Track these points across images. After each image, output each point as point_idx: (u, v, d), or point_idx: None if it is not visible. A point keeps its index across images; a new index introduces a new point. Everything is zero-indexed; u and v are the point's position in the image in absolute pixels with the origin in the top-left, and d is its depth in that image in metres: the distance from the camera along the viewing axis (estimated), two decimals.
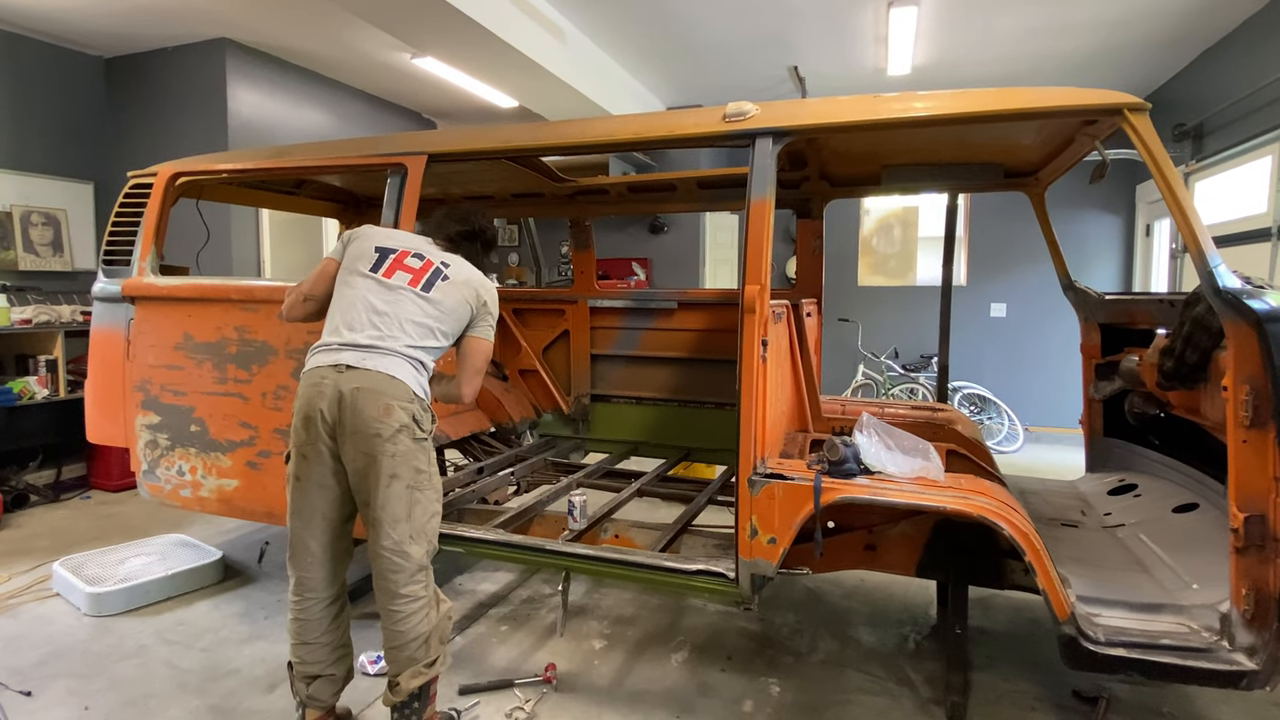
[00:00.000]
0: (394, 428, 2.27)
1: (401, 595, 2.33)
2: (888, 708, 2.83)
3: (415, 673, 2.33)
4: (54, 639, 3.30)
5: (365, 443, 2.26)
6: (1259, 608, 2.10)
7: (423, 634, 2.34)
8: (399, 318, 2.40)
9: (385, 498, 2.28)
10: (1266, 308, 2.05)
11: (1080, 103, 2.36)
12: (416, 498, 2.34)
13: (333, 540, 2.44)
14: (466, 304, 2.50)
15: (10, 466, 5.27)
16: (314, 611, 2.43)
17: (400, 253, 2.51)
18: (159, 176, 3.54)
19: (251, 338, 3.16)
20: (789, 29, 5.63)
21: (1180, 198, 2.19)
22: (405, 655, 2.33)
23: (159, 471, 3.38)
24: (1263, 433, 2.06)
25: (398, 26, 4.70)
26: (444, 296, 2.46)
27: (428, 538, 2.40)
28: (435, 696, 2.46)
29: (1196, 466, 3.09)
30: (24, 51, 5.78)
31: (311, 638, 2.43)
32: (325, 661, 2.45)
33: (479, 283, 2.56)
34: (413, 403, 2.34)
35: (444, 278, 2.49)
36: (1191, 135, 5.90)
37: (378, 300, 2.42)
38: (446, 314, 2.47)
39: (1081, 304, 3.63)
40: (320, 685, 2.45)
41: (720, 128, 2.64)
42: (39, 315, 5.26)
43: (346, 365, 2.31)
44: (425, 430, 2.39)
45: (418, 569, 2.35)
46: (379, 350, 2.34)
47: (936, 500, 2.35)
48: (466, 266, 2.58)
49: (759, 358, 2.47)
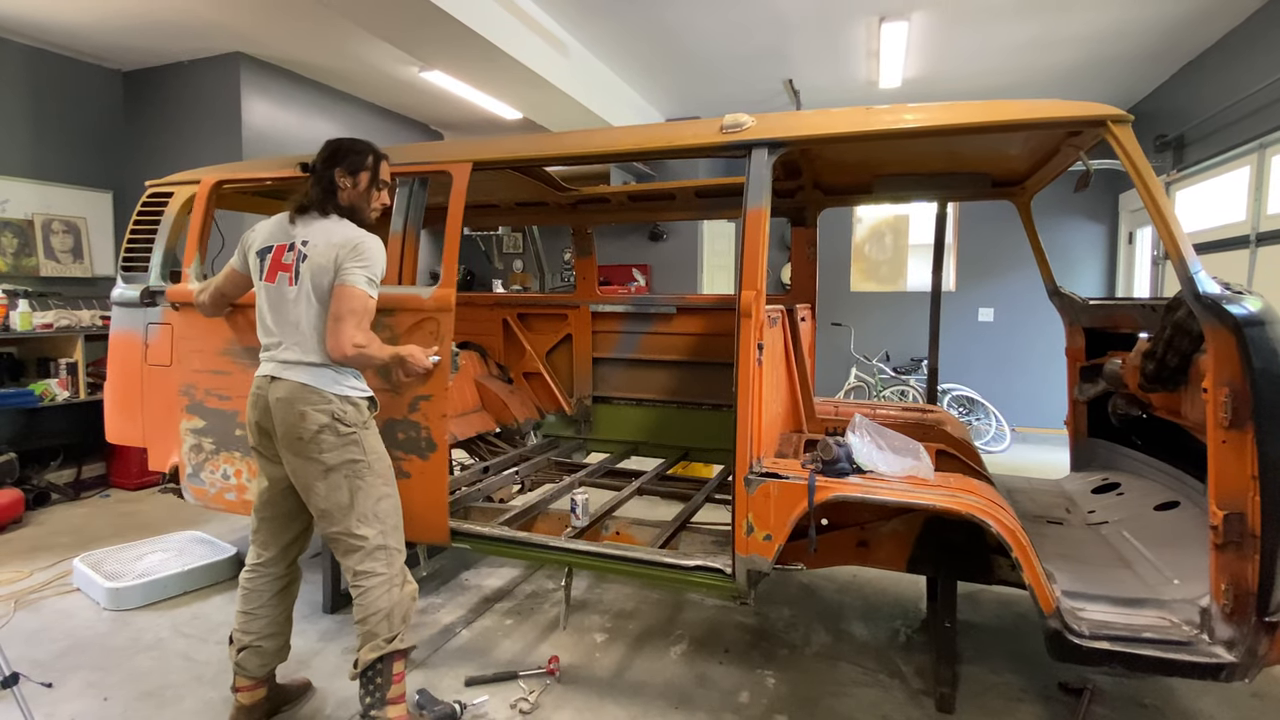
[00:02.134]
0: (312, 430, 2.34)
1: (359, 572, 2.40)
2: (879, 699, 2.83)
3: (373, 647, 2.36)
4: (74, 632, 3.30)
5: (291, 446, 2.37)
6: (1237, 602, 2.10)
7: (383, 609, 2.37)
8: (296, 323, 2.40)
9: (325, 490, 2.37)
10: (1245, 312, 2.05)
11: (1065, 115, 2.36)
12: (357, 485, 2.39)
13: (285, 525, 2.57)
14: (328, 270, 2.37)
15: (32, 466, 5.27)
16: (260, 584, 2.56)
17: (275, 250, 2.46)
18: (202, 184, 3.45)
19: None
20: (784, 44, 5.64)
21: (1162, 206, 2.19)
22: (366, 629, 2.38)
23: (204, 475, 3.28)
24: (1241, 433, 2.06)
25: (406, 41, 4.71)
26: (314, 277, 2.38)
27: (379, 519, 2.43)
28: (401, 678, 2.44)
29: (1177, 466, 3.09)
30: (45, 65, 5.79)
31: (251, 607, 2.55)
32: (259, 633, 2.54)
33: (340, 241, 2.39)
34: (330, 403, 2.37)
35: (304, 258, 2.40)
36: (1173, 146, 5.90)
37: (273, 309, 2.44)
38: (318, 291, 2.39)
39: (1066, 309, 3.63)
40: (248, 655, 2.53)
41: (717, 139, 2.64)
42: (60, 320, 5.27)
43: (272, 376, 2.41)
44: (351, 424, 2.39)
45: (375, 548, 2.40)
46: (290, 362, 2.40)
47: (926, 498, 2.35)
48: (324, 235, 2.41)
49: (755, 361, 2.47)
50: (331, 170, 2.48)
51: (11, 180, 5.57)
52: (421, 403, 2.82)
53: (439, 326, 2.80)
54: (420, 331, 2.82)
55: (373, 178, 2.53)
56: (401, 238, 2.98)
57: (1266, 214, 4.52)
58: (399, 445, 2.85)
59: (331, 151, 2.50)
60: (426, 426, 2.81)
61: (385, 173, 2.60)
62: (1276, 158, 4.48)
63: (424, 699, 2.66)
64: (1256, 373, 2.01)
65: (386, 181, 2.61)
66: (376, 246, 2.43)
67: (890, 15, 5.06)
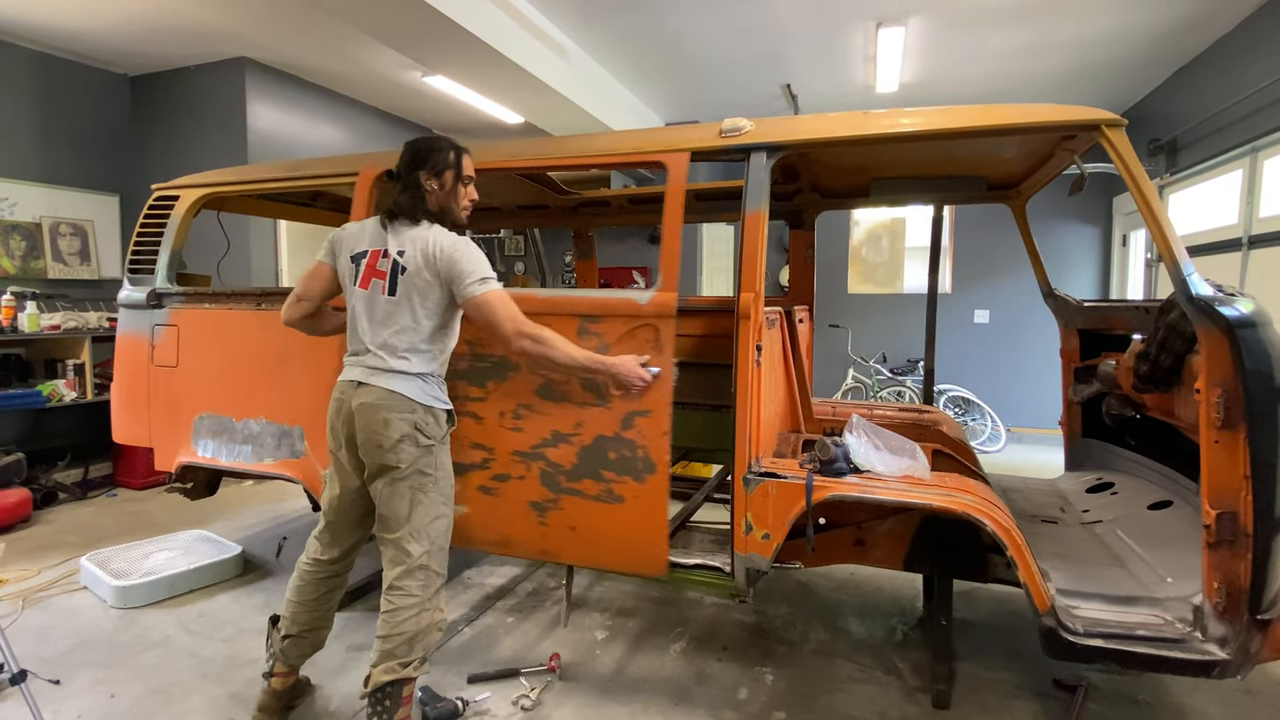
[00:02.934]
0: (394, 439, 2.31)
1: (395, 587, 2.36)
2: (876, 695, 2.83)
3: (388, 669, 2.30)
4: (81, 630, 3.30)
5: (371, 453, 2.35)
6: (1230, 600, 2.10)
7: (408, 632, 2.32)
8: (388, 330, 2.36)
9: (389, 496, 2.36)
10: (1237, 314, 2.06)
11: (1059, 119, 2.36)
12: (419, 499, 2.37)
13: (350, 531, 2.56)
14: (433, 283, 2.35)
15: (40, 465, 5.27)
16: (319, 578, 2.56)
17: (370, 255, 2.41)
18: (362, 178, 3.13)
19: (486, 352, 2.78)
20: (782, 49, 5.64)
21: (1155, 209, 2.19)
22: (386, 649, 2.32)
23: None
24: (1233, 433, 2.07)
25: (409, 46, 4.71)
26: (411, 290, 2.35)
27: (430, 538, 2.39)
28: (410, 700, 2.37)
29: (1170, 465, 3.10)
30: (53, 70, 5.79)
31: (306, 598, 2.55)
32: (307, 624, 2.55)
33: (435, 252, 2.33)
34: (414, 412, 2.34)
35: (402, 270, 2.35)
36: (1166, 150, 5.91)
37: (366, 315, 2.40)
38: (422, 304, 2.36)
39: (1061, 311, 3.63)
40: (291, 644, 2.54)
41: (717, 143, 2.64)
42: (67, 321, 5.27)
43: (358, 382, 2.37)
44: (430, 436, 2.38)
45: (417, 567, 2.36)
46: (380, 369, 2.36)
47: (923, 498, 2.36)
48: (418, 243, 2.35)
49: (754, 362, 2.47)
50: (416, 174, 2.41)
51: (20, 184, 5.58)
52: (637, 419, 2.55)
53: (658, 334, 2.55)
54: (634, 340, 2.58)
55: (457, 175, 2.46)
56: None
57: (1258, 217, 4.52)
58: (609, 466, 2.59)
59: (413, 154, 2.44)
60: (643, 446, 2.53)
61: (469, 167, 2.51)
62: (1268, 161, 4.48)
63: (426, 696, 2.66)
64: (1248, 374, 2.02)
65: (471, 176, 2.52)
66: (470, 251, 2.36)
67: (887, 21, 5.06)
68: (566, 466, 2.65)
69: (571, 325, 2.65)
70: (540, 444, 2.70)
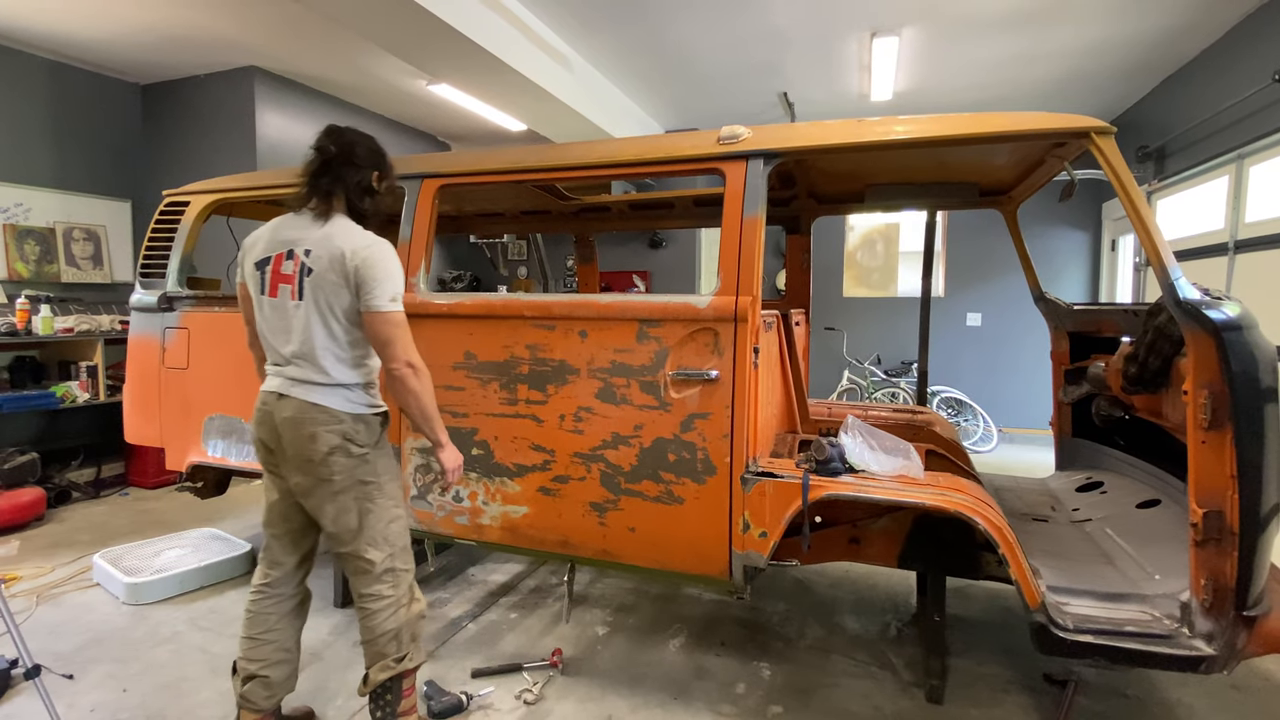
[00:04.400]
0: (323, 452, 2.16)
1: (366, 595, 2.27)
2: (871, 690, 2.83)
3: (383, 667, 2.27)
4: (94, 626, 3.30)
5: (301, 468, 2.20)
6: (1217, 597, 2.10)
7: (390, 630, 2.26)
8: (304, 341, 2.18)
9: (334, 513, 2.22)
10: (1224, 317, 2.06)
11: (1050, 126, 2.36)
12: (367, 508, 2.24)
13: (296, 542, 2.39)
14: (340, 286, 2.16)
15: (54, 465, 5.27)
16: (266, 606, 2.36)
17: (275, 260, 2.22)
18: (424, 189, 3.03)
19: (546, 356, 2.75)
20: (779, 58, 5.64)
21: (1143, 215, 2.19)
22: (375, 650, 2.28)
23: (431, 497, 2.99)
24: (1220, 434, 2.07)
25: (415, 55, 4.71)
26: (319, 293, 2.16)
27: (389, 542, 2.28)
28: (411, 691, 2.35)
29: (1159, 465, 3.10)
30: (67, 79, 5.80)
31: (257, 632, 2.34)
32: (265, 661, 2.32)
33: (346, 254, 2.14)
34: (342, 423, 2.19)
35: (308, 271, 2.16)
36: (1154, 156, 5.91)
37: (277, 326, 2.23)
38: (331, 309, 2.18)
39: (1051, 314, 3.63)
40: (255, 686, 2.31)
41: (715, 150, 2.64)
42: (80, 324, 5.27)
43: (279, 394, 2.21)
44: (363, 444, 2.23)
45: (383, 571, 2.26)
46: (299, 380, 2.20)
47: (916, 497, 2.35)
48: (328, 243, 2.17)
49: (751, 364, 2.48)
50: (369, 171, 2.28)
51: (34, 189, 5.58)
52: (697, 421, 2.52)
53: (717, 338, 2.50)
54: (694, 344, 2.53)
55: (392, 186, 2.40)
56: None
57: (1244, 222, 4.52)
58: (669, 468, 2.57)
59: (379, 153, 2.32)
60: (703, 448, 2.52)
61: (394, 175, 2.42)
62: (1254, 168, 4.48)
63: (431, 690, 2.66)
64: (1235, 375, 2.02)
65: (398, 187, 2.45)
66: (389, 263, 2.19)
67: (882, 31, 5.07)
68: (626, 468, 2.64)
69: (631, 329, 2.62)
70: (600, 446, 2.68)
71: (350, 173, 2.25)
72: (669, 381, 2.56)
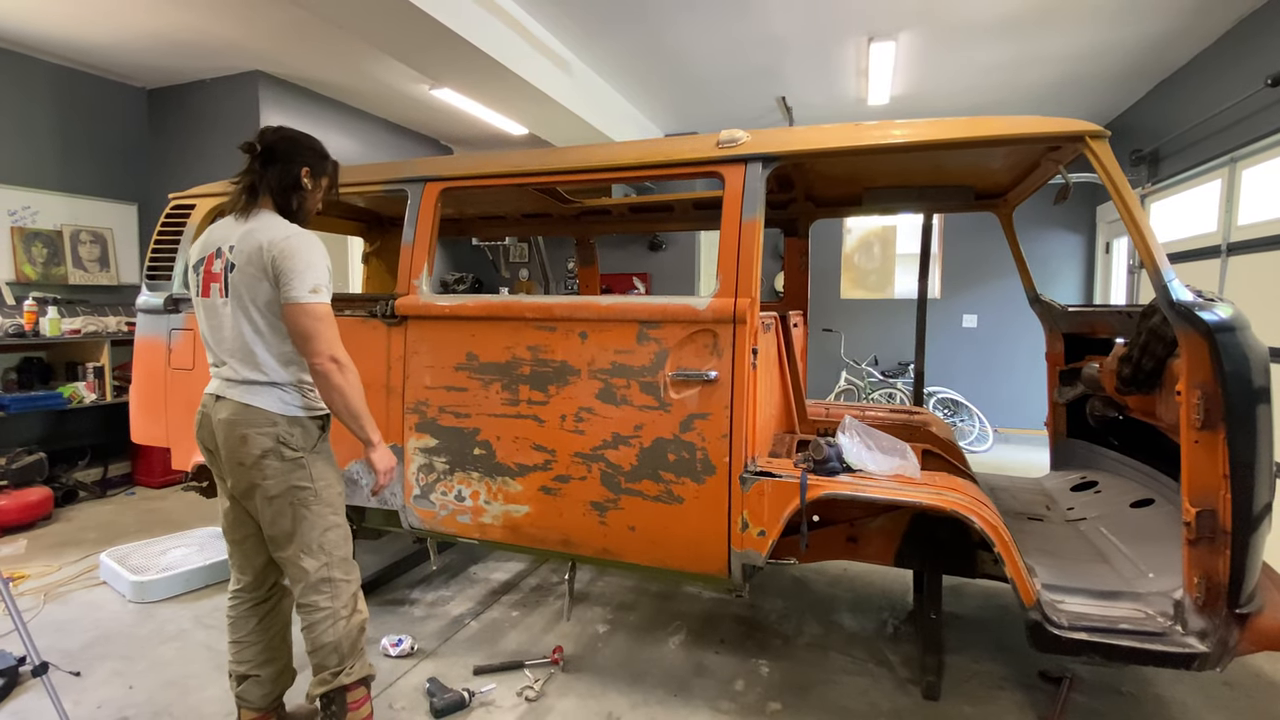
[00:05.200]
0: (255, 455, 2.11)
1: (302, 604, 2.20)
2: (868, 686, 2.83)
3: (321, 680, 2.21)
4: (101, 624, 3.30)
5: (235, 471, 2.17)
6: (1209, 595, 2.10)
7: (327, 644, 2.18)
8: (234, 339, 2.15)
9: (270, 517, 2.17)
10: (1216, 319, 2.06)
11: (1045, 130, 2.37)
12: (302, 514, 2.16)
13: (256, 547, 2.33)
14: (260, 279, 2.10)
15: (61, 465, 5.28)
16: (242, 610, 2.36)
17: (206, 260, 2.20)
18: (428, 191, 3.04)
19: (548, 357, 2.75)
20: (777, 63, 5.65)
21: (1137, 218, 2.20)
22: (316, 661, 2.21)
23: (434, 497, 2.96)
24: (1213, 434, 2.07)
25: (418, 60, 4.72)
26: (244, 288, 2.12)
27: (324, 551, 2.19)
28: (359, 704, 2.25)
29: (1152, 465, 3.10)
30: (74, 83, 5.80)
31: (240, 636, 2.34)
32: (253, 662, 2.33)
33: (265, 245, 2.08)
34: (275, 425, 2.13)
35: (232, 268, 2.12)
36: (1148, 160, 5.91)
37: (211, 327, 2.21)
38: (253, 303, 2.13)
39: (1046, 315, 3.64)
40: (249, 686, 2.33)
41: (714, 153, 2.64)
42: (87, 326, 5.28)
43: (216, 395, 2.19)
44: (297, 448, 2.16)
45: (318, 580, 2.18)
46: (234, 380, 2.16)
47: (913, 496, 2.35)
48: (249, 238, 2.12)
49: (750, 365, 2.48)
50: (297, 167, 2.22)
51: (42, 192, 5.58)
52: (697, 421, 2.51)
53: (715, 339, 2.50)
54: (693, 345, 2.53)
55: (330, 186, 2.34)
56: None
57: (1237, 225, 4.52)
58: (668, 467, 2.56)
59: (296, 146, 2.24)
60: (702, 448, 2.51)
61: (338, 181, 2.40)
62: (1246, 171, 4.48)
63: (434, 687, 2.66)
64: (1227, 376, 2.02)
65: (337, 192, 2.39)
66: (310, 251, 2.11)
67: (878, 36, 5.07)
68: (626, 468, 2.63)
69: (631, 331, 2.62)
70: (601, 446, 2.67)
71: (273, 170, 2.20)
72: (668, 382, 2.56)
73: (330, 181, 2.35)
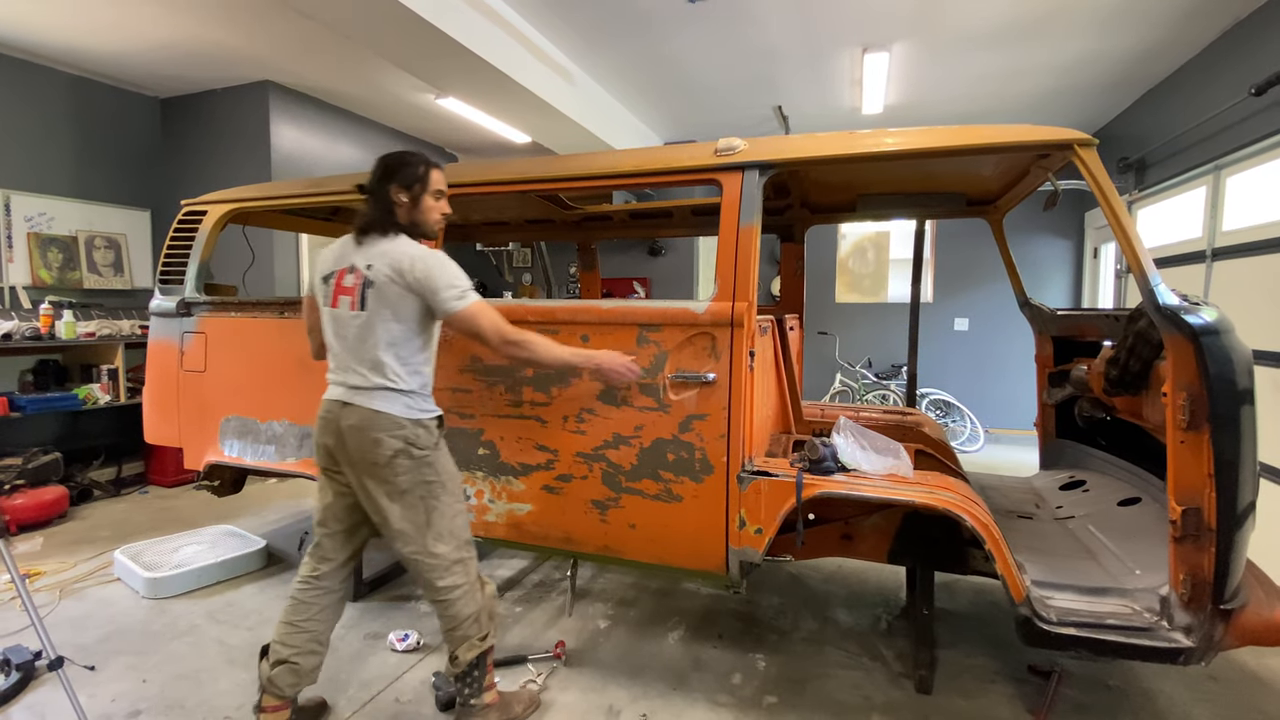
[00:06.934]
0: (387, 455, 2.23)
1: (442, 588, 2.32)
2: (862, 681, 2.83)
3: (470, 646, 2.36)
4: (115, 619, 3.30)
5: (365, 471, 2.26)
6: (1195, 591, 2.11)
7: (471, 614, 2.35)
8: (364, 349, 2.26)
9: (400, 514, 2.27)
10: (1201, 322, 2.06)
11: (1034, 138, 2.37)
12: (432, 505, 2.30)
13: (348, 539, 2.44)
14: (406, 296, 2.24)
15: (76, 464, 5.28)
16: (312, 596, 2.40)
17: (338, 274, 2.31)
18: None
19: None
20: (774, 73, 5.66)
21: (1124, 224, 2.20)
22: (460, 634, 2.35)
23: None
24: (1198, 434, 2.07)
25: (424, 71, 4.73)
26: (382, 304, 2.24)
27: (454, 535, 2.34)
28: (491, 667, 2.47)
29: (1139, 465, 3.10)
30: (89, 93, 5.81)
31: (299, 618, 2.38)
32: (298, 649, 2.35)
33: (405, 266, 2.22)
34: (404, 428, 2.25)
35: (369, 284, 2.24)
36: (1135, 168, 5.91)
37: (340, 336, 2.31)
38: (395, 318, 2.25)
39: (1036, 319, 3.64)
40: (283, 672, 2.33)
41: (712, 161, 2.65)
42: (101, 329, 5.28)
43: (343, 402, 2.28)
44: (424, 447, 2.29)
45: (453, 562, 2.32)
46: (362, 388, 2.26)
47: (906, 495, 2.35)
48: (385, 257, 2.25)
49: (747, 367, 2.48)
50: (386, 187, 2.32)
51: (57, 199, 5.59)
52: (695, 422, 2.53)
53: (714, 342, 2.51)
54: (692, 348, 2.54)
55: (425, 188, 2.36)
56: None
57: (1221, 231, 4.53)
58: (668, 467, 2.57)
59: (384, 168, 2.34)
60: (701, 448, 2.52)
61: (440, 182, 2.40)
62: (1231, 179, 4.49)
63: (439, 680, 2.66)
64: (1212, 378, 2.02)
65: (443, 191, 2.43)
66: (443, 264, 2.25)
67: (872, 46, 5.08)
68: (626, 467, 2.64)
69: (631, 334, 2.62)
70: (602, 446, 2.68)
71: (375, 200, 2.34)
72: (668, 384, 2.56)
73: (424, 184, 2.36)
